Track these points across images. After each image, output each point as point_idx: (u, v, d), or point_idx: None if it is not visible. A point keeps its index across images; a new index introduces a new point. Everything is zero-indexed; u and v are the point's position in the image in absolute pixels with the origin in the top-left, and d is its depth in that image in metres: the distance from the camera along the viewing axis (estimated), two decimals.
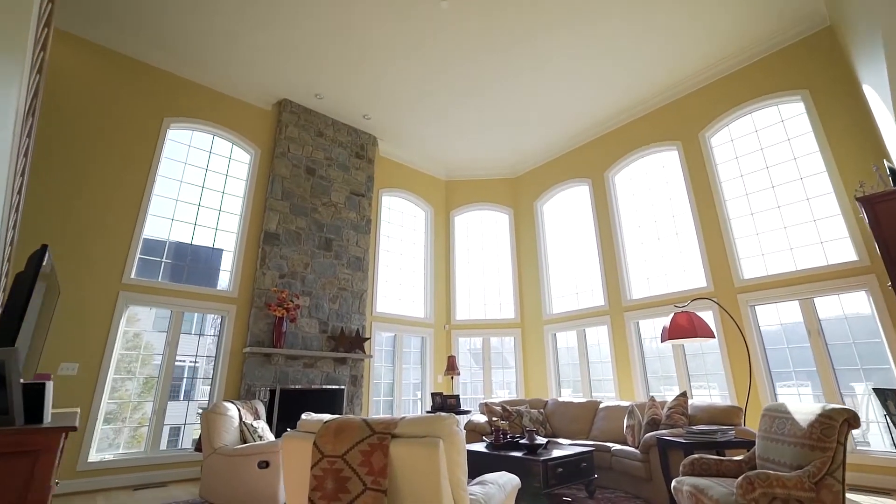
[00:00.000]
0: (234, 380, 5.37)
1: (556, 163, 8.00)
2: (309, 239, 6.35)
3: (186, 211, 5.68)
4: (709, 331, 4.30)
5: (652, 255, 6.38)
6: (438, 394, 5.86)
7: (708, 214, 5.75)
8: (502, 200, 8.61)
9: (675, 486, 2.79)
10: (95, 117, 5.14)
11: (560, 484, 3.55)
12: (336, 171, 6.94)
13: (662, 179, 6.48)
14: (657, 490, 3.56)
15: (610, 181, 7.08)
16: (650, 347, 6.22)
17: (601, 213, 7.08)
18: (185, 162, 5.81)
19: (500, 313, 8.04)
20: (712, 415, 3.80)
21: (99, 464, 4.40)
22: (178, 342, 5.18)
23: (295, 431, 1.87)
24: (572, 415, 5.28)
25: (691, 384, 5.65)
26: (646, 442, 3.67)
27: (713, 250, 5.62)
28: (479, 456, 3.98)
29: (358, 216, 7.00)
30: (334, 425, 1.73)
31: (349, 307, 6.48)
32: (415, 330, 7.43)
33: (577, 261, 7.41)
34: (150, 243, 5.37)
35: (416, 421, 1.68)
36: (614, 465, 4.14)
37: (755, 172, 5.51)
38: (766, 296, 5.08)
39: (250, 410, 4.10)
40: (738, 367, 5.12)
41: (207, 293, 5.47)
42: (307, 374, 5.81)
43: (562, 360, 7.30)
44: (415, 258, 7.98)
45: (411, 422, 1.68)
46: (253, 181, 6.21)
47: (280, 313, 5.51)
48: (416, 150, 8.05)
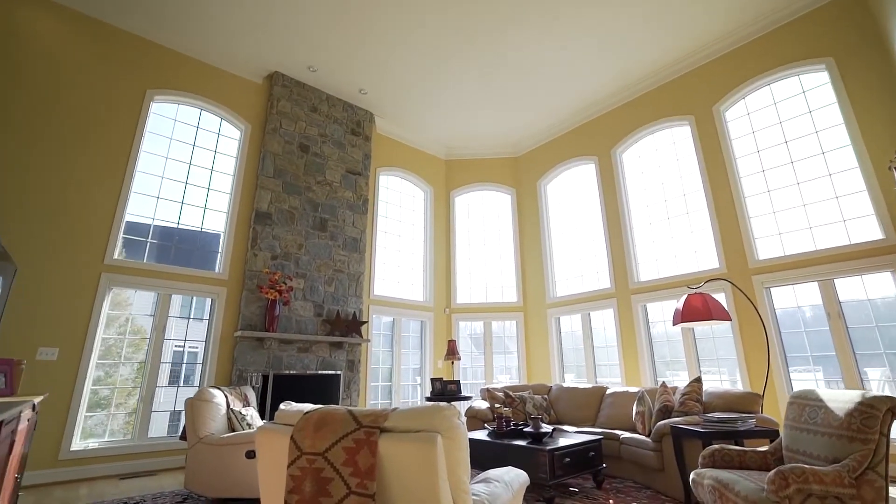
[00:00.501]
0: (225, 365, 5.16)
1: (560, 140, 7.68)
2: (303, 219, 6.08)
3: (173, 189, 5.40)
4: (725, 313, 4.05)
5: (661, 236, 6.11)
6: (438, 379, 5.66)
7: (722, 192, 5.46)
8: (504, 180, 8.31)
9: (695, 478, 2.58)
10: (72, 89, 4.82)
11: (567, 475, 3.34)
12: (331, 149, 6.63)
13: (673, 156, 6.17)
14: (670, 481, 3.35)
15: (617, 159, 6.78)
16: (657, 331, 6.00)
17: (608, 192, 6.78)
18: (171, 137, 5.51)
19: (501, 297, 7.80)
20: (728, 401, 3.58)
21: (83, 452, 4.20)
22: (165, 326, 4.95)
23: (271, 423, 1.63)
24: (578, 401, 5.08)
25: (701, 369, 5.43)
26: (658, 430, 3.46)
27: (727, 230, 5.34)
28: (480, 444, 3.77)
29: (354, 195, 6.71)
30: (315, 417, 1.49)
31: (345, 290, 6.24)
32: (414, 314, 7.20)
33: (582, 242, 7.15)
34: (135, 222, 5.10)
35: (409, 413, 1.44)
36: (623, 454, 3.93)
37: (773, 147, 5.21)
38: (782, 277, 4.82)
39: (239, 397, 3.89)
40: (752, 352, 4.89)
41: (196, 275, 5.22)
42: (302, 360, 5.60)
43: (565, 344, 7.08)
44: (414, 240, 7.72)
45: (404, 414, 1.44)
46: (243, 158, 5.91)
47: (272, 296, 5.27)
48: (415, 128, 7.73)
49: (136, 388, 4.73)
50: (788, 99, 5.17)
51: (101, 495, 3.58)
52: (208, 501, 3.33)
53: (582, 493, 3.53)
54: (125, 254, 4.96)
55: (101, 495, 3.58)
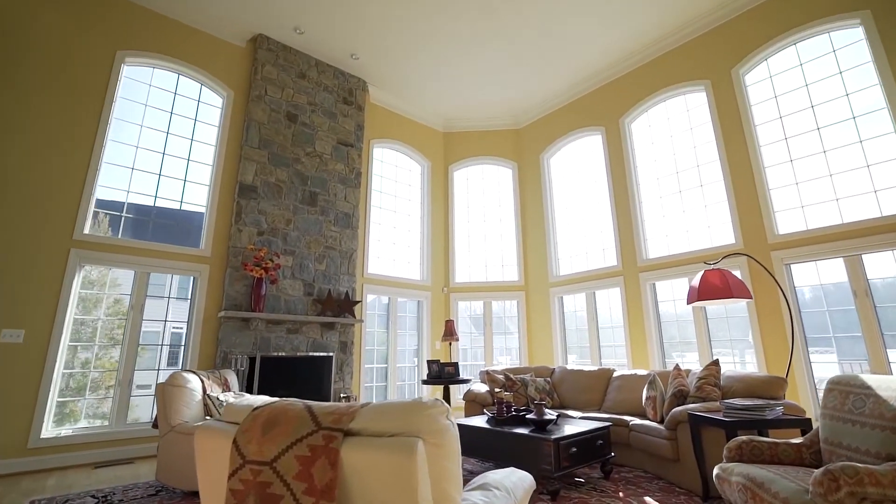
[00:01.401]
0: (208, 347, 4.87)
1: (565, 110, 7.24)
2: (291, 192, 5.71)
3: (150, 160, 5.02)
4: (745, 290, 3.73)
5: (672, 211, 5.75)
6: (435, 361, 5.38)
7: (739, 163, 5.08)
8: (505, 153, 7.89)
9: (720, 474, 2.28)
10: (31, 48, 4.40)
11: (574, 466, 3.06)
12: (321, 118, 6.22)
13: (687, 125, 5.76)
14: (686, 472, 3.07)
15: (626, 129, 6.36)
16: (665, 311, 5.68)
17: (615, 164, 6.39)
18: (146, 104, 5.10)
19: (502, 275, 7.48)
20: (750, 386, 3.28)
21: (55, 440, 3.93)
22: (143, 306, 4.63)
23: (214, 422, 1.31)
24: (583, 384, 4.80)
25: (713, 351, 5.14)
26: (673, 417, 3.16)
27: (744, 203, 4.98)
28: (479, 433, 3.49)
29: (346, 168, 6.32)
30: (264, 415, 1.17)
31: (337, 268, 5.91)
32: (410, 293, 6.90)
33: (588, 218, 6.78)
34: (108, 195, 4.74)
35: (383, 410, 1.11)
36: (633, 442, 3.66)
37: (797, 113, 4.80)
38: (804, 253, 4.48)
39: (218, 381, 3.59)
40: (769, 333, 4.58)
41: (176, 252, 4.89)
42: (291, 341, 5.31)
43: (568, 325, 6.79)
44: (410, 216, 7.36)
45: (377, 411, 1.11)
46: (226, 127, 5.51)
47: (258, 273, 4.94)
48: (411, 98, 7.28)
49: (112, 371, 4.44)
50: (816, 59, 4.74)
51: (70, 486, 3.32)
52: (183, 494, 3.07)
53: (589, 485, 3.26)
54: (110, 230, 4.62)
55: (70, 486, 3.32)
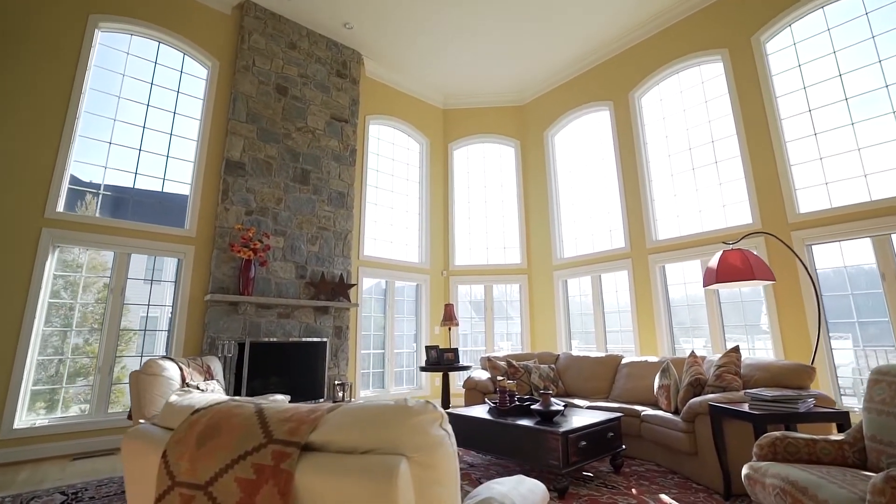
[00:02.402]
0: (194, 332, 4.62)
1: (571, 85, 6.87)
2: (281, 170, 5.40)
3: (129, 134, 4.70)
4: (768, 272, 3.45)
5: (684, 189, 5.44)
6: (434, 347, 5.14)
7: (758, 137, 4.75)
8: (508, 131, 7.54)
9: (751, 474, 2.03)
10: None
11: (583, 461, 2.82)
12: (313, 92, 5.87)
13: (701, 98, 5.41)
14: (704, 467, 2.83)
15: (636, 104, 6.01)
16: (675, 295, 5.42)
17: (624, 141, 6.06)
18: (124, 74, 4.76)
19: (504, 258, 7.20)
20: (774, 375, 3.02)
21: (29, 430, 3.70)
22: (123, 289, 4.37)
23: (147, 427, 1.04)
24: (589, 371, 4.56)
25: (725, 337, 4.88)
26: (692, 408, 2.91)
27: (763, 180, 4.67)
28: (480, 424, 3.25)
29: (340, 145, 5.99)
30: (204, 420, 0.90)
31: (331, 249, 5.63)
32: (408, 276, 6.63)
33: (594, 198, 6.48)
34: (85, 173, 4.44)
35: (355, 417, 0.83)
36: (644, 433, 3.42)
37: (822, 83, 4.46)
38: (827, 233, 4.19)
39: (199, 369, 3.34)
40: (788, 317, 4.32)
41: (159, 232, 4.60)
42: (283, 326, 5.06)
43: (572, 310, 6.54)
44: (408, 196, 7.05)
45: (347, 418, 0.84)
46: (211, 100, 5.17)
47: (246, 255, 4.66)
48: (409, 72, 6.91)
49: (92, 357, 4.19)
50: (846, 23, 4.38)
51: (41, 481, 3.09)
52: None
53: (598, 480, 3.03)
54: (95, 208, 4.33)
55: (41, 481, 3.09)
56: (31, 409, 3.87)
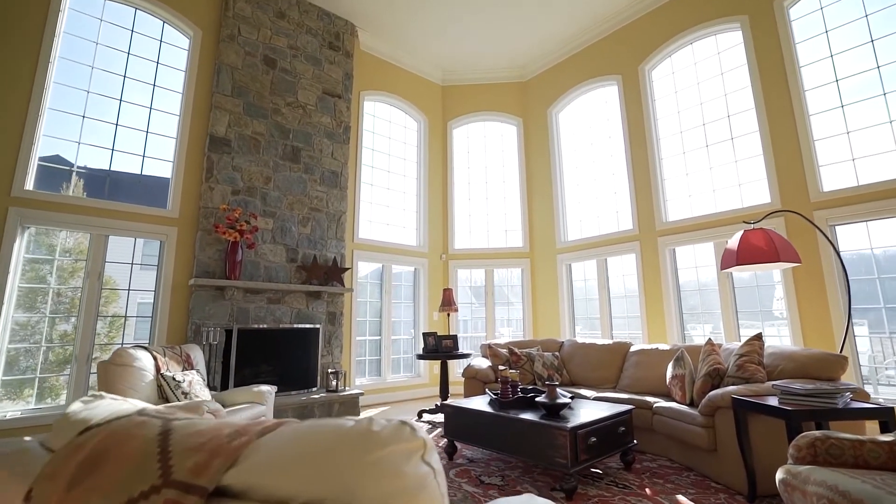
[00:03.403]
0: (178, 319, 4.37)
1: (576, 58, 6.51)
2: (270, 147, 5.09)
3: (104, 107, 4.38)
4: (794, 253, 3.18)
5: (697, 168, 5.13)
6: (432, 334, 4.90)
7: (779, 111, 4.43)
8: (510, 108, 7.20)
9: (788, 480, 1.79)
10: None
11: (593, 458, 2.59)
12: (304, 65, 5.52)
13: (717, 70, 5.07)
14: (725, 465, 2.60)
15: (646, 77, 5.66)
16: (685, 280, 5.16)
17: (633, 118, 5.73)
18: (97, 42, 4.42)
19: (505, 241, 6.93)
20: (802, 365, 2.77)
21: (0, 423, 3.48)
22: (101, 273, 4.10)
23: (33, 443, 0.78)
24: (595, 359, 4.32)
25: (739, 323, 4.63)
26: (712, 402, 2.67)
27: (784, 157, 4.36)
28: (480, 417, 3.01)
29: (333, 122, 5.67)
30: (89, 448, 0.64)
31: (324, 232, 5.35)
32: (406, 260, 6.36)
33: (600, 178, 6.17)
34: (58, 148, 4.14)
35: (296, 448, 0.56)
36: (657, 427, 3.19)
37: (849, 51, 4.13)
38: (853, 213, 3.90)
39: (177, 358, 3.10)
40: (808, 303, 4.06)
41: (138, 212, 4.32)
42: (273, 312, 4.81)
43: (576, 295, 6.29)
44: (406, 177, 6.74)
45: (283, 449, 0.57)
46: (193, 71, 4.84)
47: (232, 237, 4.39)
48: (406, 46, 6.54)
49: (68, 346, 3.95)
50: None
51: None
52: None
53: (609, 478, 2.80)
54: (84, 194, 4.04)
55: None
56: (9, 399, 3.64)
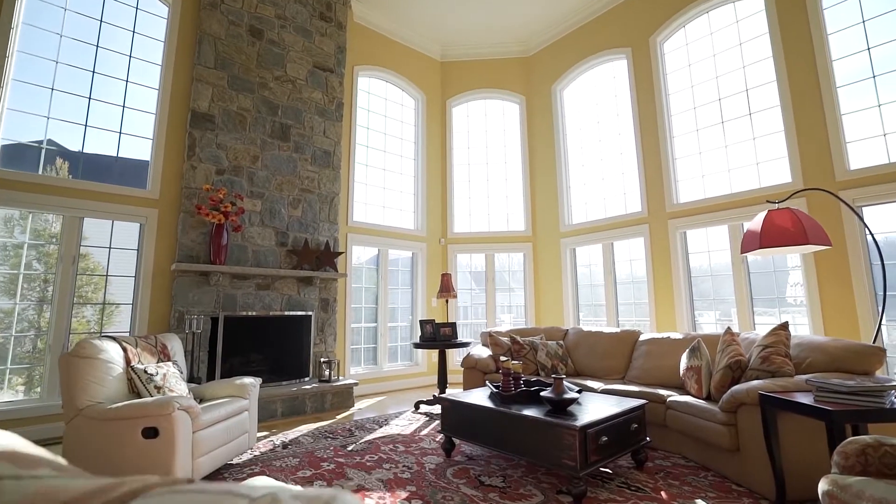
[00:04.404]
0: (160, 306, 4.12)
1: (583, 31, 6.15)
2: (258, 124, 4.78)
3: (77, 79, 4.07)
4: (823, 235, 2.90)
5: (711, 146, 4.83)
6: (430, 321, 4.65)
7: (804, 83, 4.11)
8: (512, 86, 6.85)
9: (834, 492, 1.54)
10: None
11: (604, 460, 2.36)
12: (293, 36, 5.18)
13: (735, 40, 4.73)
14: (749, 467, 2.37)
15: (658, 50, 5.32)
16: (695, 265, 4.90)
17: (643, 94, 5.40)
18: (66, 7, 4.09)
19: (507, 225, 6.66)
20: (834, 358, 2.52)
21: None
22: (75, 256, 3.84)
23: None
24: (602, 349, 4.08)
25: (754, 310, 4.39)
26: (735, 397, 2.43)
27: (807, 133, 4.06)
28: (480, 413, 2.78)
29: (325, 98, 5.35)
30: None
31: (316, 214, 5.08)
32: (403, 244, 6.10)
33: (607, 158, 5.87)
34: (24, 122, 3.84)
35: None
36: (670, 422, 2.96)
37: (882, 16, 3.79)
38: (883, 192, 3.62)
39: (151, 349, 2.85)
40: (831, 290, 3.80)
41: (115, 193, 4.04)
42: (262, 298, 4.56)
43: (580, 280, 6.04)
44: (402, 157, 6.44)
45: None
46: (173, 42, 4.51)
47: (216, 219, 4.12)
48: (403, 18, 6.17)
49: (41, 335, 3.71)
50: None
51: None
52: None
53: (619, 479, 2.58)
54: (70, 177, 3.75)
55: None
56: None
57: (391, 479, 2.62)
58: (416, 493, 2.41)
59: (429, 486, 2.49)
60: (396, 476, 2.66)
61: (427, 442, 3.37)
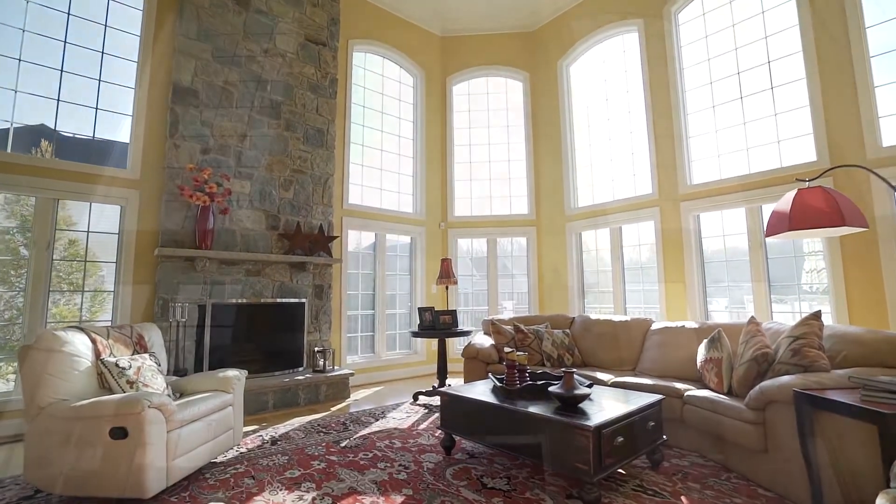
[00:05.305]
0: (143, 294, 3.89)
1: (591, 2, 5.79)
2: (245, 99, 4.50)
3: (47, 49, 3.78)
4: (860, 216, 2.64)
5: (728, 123, 4.54)
6: (429, 309, 4.43)
7: (832, 53, 3.80)
8: (515, 62, 6.51)
9: None
10: None
11: (619, 462, 2.15)
12: (282, 6, 4.85)
13: (756, 8, 4.40)
14: (779, 470, 2.15)
15: (672, 20, 4.99)
16: (709, 249, 4.65)
17: (655, 69, 5.08)
18: None
19: (509, 208, 6.39)
20: (874, 350, 2.29)
21: None
22: (51, 242, 3.60)
23: None
24: (611, 338, 3.85)
25: (771, 298, 4.15)
26: (765, 394, 2.20)
27: (835, 107, 3.76)
28: (482, 408, 2.56)
29: (318, 73, 5.04)
30: None
31: (308, 196, 4.82)
32: (401, 228, 5.85)
33: (616, 138, 5.57)
34: None
35: None
36: (687, 418, 2.75)
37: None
38: None
39: (125, 340, 2.62)
40: (857, 275, 3.55)
41: (93, 173, 3.78)
42: (252, 285, 4.33)
43: (586, 266, 5.79)
44: (400, 137, 6.15)
45: None
46: (153, 10, 4.20)
47: (201, 201, 3.86)
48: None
49: (13, 325, 3.49)
50: None
51: None
52: (61, 500, 2.19)
53: (634, 481, 2.37)
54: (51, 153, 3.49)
55: None
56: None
57: (386, 480, 2.41)
58: (413, 497, 2.21)
59: (426, 489, 2.29)
60: (392, 477, 2.46)
61: (425, 437, 3.17)
